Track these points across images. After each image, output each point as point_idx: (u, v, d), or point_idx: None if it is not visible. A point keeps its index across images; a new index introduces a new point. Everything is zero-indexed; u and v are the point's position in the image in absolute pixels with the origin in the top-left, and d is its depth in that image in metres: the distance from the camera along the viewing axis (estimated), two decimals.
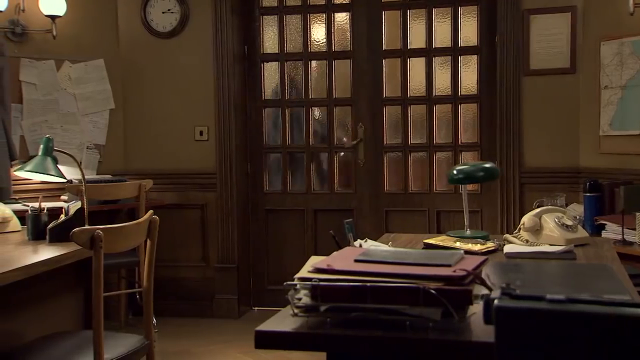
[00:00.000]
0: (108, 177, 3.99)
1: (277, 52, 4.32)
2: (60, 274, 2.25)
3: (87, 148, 4.15)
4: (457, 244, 1.89)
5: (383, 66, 4.18)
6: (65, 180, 2.54)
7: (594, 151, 3.67)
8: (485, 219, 4.01)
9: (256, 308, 4.40)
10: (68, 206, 2.35)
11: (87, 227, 1.89)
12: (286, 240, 4.35)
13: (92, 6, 4.14)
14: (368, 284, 1.14)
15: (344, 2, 4.20)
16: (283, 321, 1.25)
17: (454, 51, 4.06)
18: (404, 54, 4.15)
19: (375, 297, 1.14)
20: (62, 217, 2.35)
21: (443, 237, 2.02)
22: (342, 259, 1.29)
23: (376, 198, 4.23)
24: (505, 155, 3.83)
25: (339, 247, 1.65)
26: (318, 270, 1.23)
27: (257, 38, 4.31)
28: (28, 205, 3.49)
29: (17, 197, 3.66)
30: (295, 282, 1.21)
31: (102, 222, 3.06)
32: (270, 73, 4.35)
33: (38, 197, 3.87)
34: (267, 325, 1.23)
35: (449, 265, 1.19)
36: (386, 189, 4.23)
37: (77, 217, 2.33)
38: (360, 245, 1.76)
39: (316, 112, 4.33)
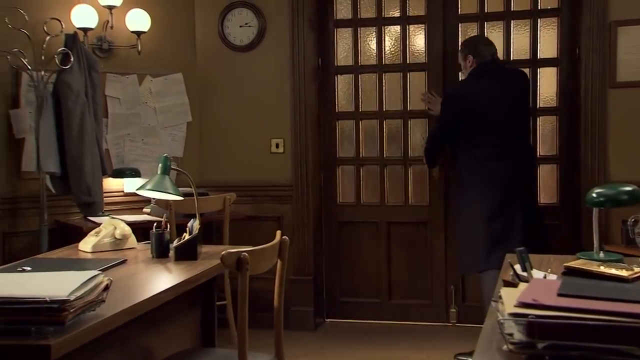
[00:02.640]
0: (188, 189, 4.02)
1: (351, 64, 4.33)
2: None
3: None
4: (602, 269, 1.88)
5: (459, 78, 4.17)
6: (182, 198, 2.58)
7: None
8: (564, 233, 3.98)
9: (328, 320, 4.41)
10: (191, 225, 2.38)
11: (234, 250, 1.91)
12: (359, 252, 4.36)
13: (172, 21, 4.20)
14: (590, 322, 1.15)
15: (419, 14, 4.21)
16: (493, 356, 1.25)
17: (533, 63, 4.04)
18: None
19: (599, 335, 1.14)
20: (186, 235, 2.39)
21: (581, 260, 2.01)
22: (543, 292, 1.30)
23: (450, 211, 4.21)
24: (589, 169, 3.80)
25: (519, 279, 1.65)
26: (526, 305, 1.24)
27: (331, 50, 4.34)
28: (115, 218, 3.56)
29: (104, 211, 3.73)
30: (506, 317, 1.22)
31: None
32: (344, 85, 4.37)
33: (123, 209, 3.95)
34: None
35: None
36: None
37: (199, 236, 2.36)
38: (545, 276, 1.74)
39: (390, 124, 4.33)
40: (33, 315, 1.46)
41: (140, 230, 2.95)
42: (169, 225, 2.40)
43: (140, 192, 2.51)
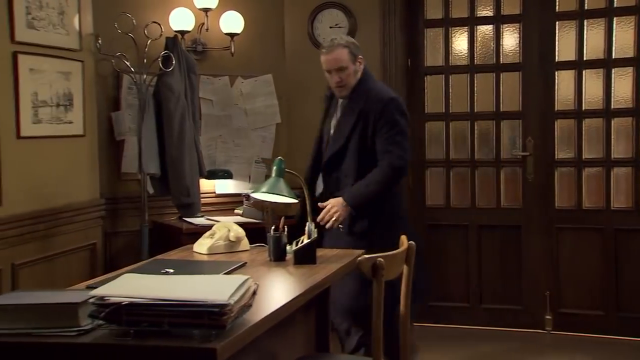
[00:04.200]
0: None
1: (441, 64, 4.26)
2: None
3: (255, 162, 4.22)
4: None
5: (555, 78, 4.04)
6: (296, 201, 2.56)
7: None
8: None
9: (416, 324, 4.34)
10: (310, 228, 2.36)
11: (370, 255, 1.88)
12: (448, 255, 4.28)
13: (262, 22, 4.21)
14: None
15: (514, 13, 4.09)
16: None
17: (638, 61, 3.87)
18: (579, 65, 3.99)
19: None
20: (304, 239, 2.37)
21: None
22: None
23: (546, 214, 4.09)
24: None
25: None
26: None
27: (421, 50, 4.27)
28: (211, 219, 3.59)
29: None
30: None
31: None
32: (433, 86, 4.30)
33: (215, 210, 3.98)
34: None
35: None
36: (557, 205, 4.09)
37: (317, 240, 2.34)
38: None
39: (481, 125, 4.23)
40: (196, 319, 1.46)
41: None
42: (285, 228, 2.38)
43: (255, 196, 2.51)
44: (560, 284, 4.05)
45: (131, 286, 1.57)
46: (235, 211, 4.06)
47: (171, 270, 2.00)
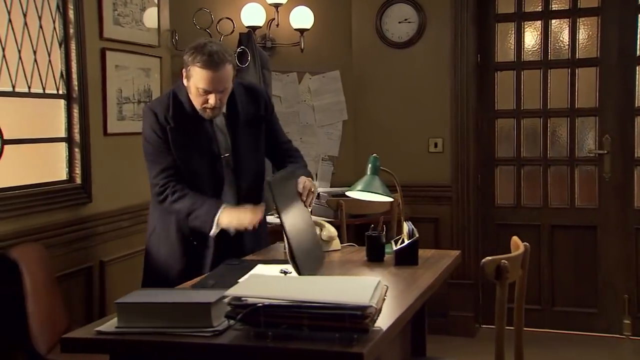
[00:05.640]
0: (337, 190, 3.97)
1: (512, 60, 4.14)
2: None
3: (322, 160, 4.17)
4: None
5: (636, 73, 3.90)
6: (392, 200, 2.49)
7: None
8: None
9: (484, 326, 4.24)
10: (411, 228, 2.29)
11: (494, 257, 1.80)
12: None
13: (329, 18, 4.15)
14: None
15: (592, 5, 3.96)
16: None
17: None
18: None
19: None
20: (403, 238, 2.30)
21: None
22: None
23: (624, 214, 3.95)
24: None
25: None
26: None
27: (492, 46, 4.16)
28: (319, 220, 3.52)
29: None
30: None
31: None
32: (504, 82, 4.18)
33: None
34: None
35: None
36: (636, 205, 3.94)
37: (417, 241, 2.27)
38: None
39: (555, 123, 4.11)
40: (337, 322, 1.40)
41: None
42: (384, 228, 2.31)
43: (351, 194, 2.44)
44: None
45: (265, 287, 1.51)
46: None
47: (289, 270, 1.95)
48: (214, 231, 2.24)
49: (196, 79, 2.22)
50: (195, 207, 2.25)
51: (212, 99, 2.24)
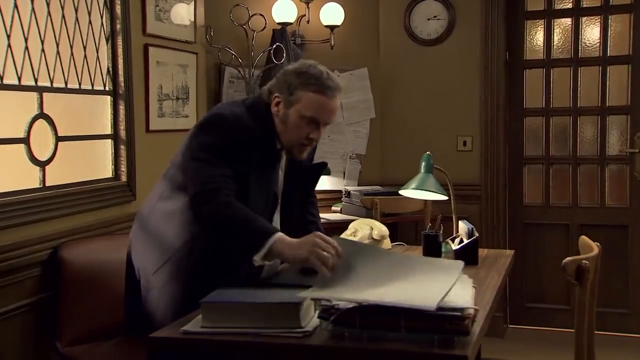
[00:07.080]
0: (378, 188, 3.93)
1: (541, 57, 4.11)
2: None
3: (349, 158, 4.12)
4: None
5: None
6: (446, 198, 2.45)
7: None
8: None
9: (511, 326, 4.21)
10: (470, 228, 2.25)
11: (574, 257, 1.77)
12: (546, 255, 4.13)
13: (357, 14, 4.10)
14: None
15: (625, 2, 3.93)
16: None
17: None
18: None
19: None
20: (462, 238, 2.26)
21: None
22: None
23: None
24: None
25: None
26: None
27: (521, 43, 4.12)
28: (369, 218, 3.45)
29: None
30: None
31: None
32: (533, 80, 4.15)
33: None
34: None
35: None
36: None
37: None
38: None
39: (585, 121, 4.08)
40: (436, 323, 1.36)
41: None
42: (442, 227, 2.27)
43: (404, 193, 2.40)
44: None
45: (355, 286, 1.47)
46: (333, 208, 3.98)
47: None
48: (260, 256, 1.65)
49: (306, 104, 1.86)
50: (250, 219, 1.73)
51: (317, 132, 1.90)
